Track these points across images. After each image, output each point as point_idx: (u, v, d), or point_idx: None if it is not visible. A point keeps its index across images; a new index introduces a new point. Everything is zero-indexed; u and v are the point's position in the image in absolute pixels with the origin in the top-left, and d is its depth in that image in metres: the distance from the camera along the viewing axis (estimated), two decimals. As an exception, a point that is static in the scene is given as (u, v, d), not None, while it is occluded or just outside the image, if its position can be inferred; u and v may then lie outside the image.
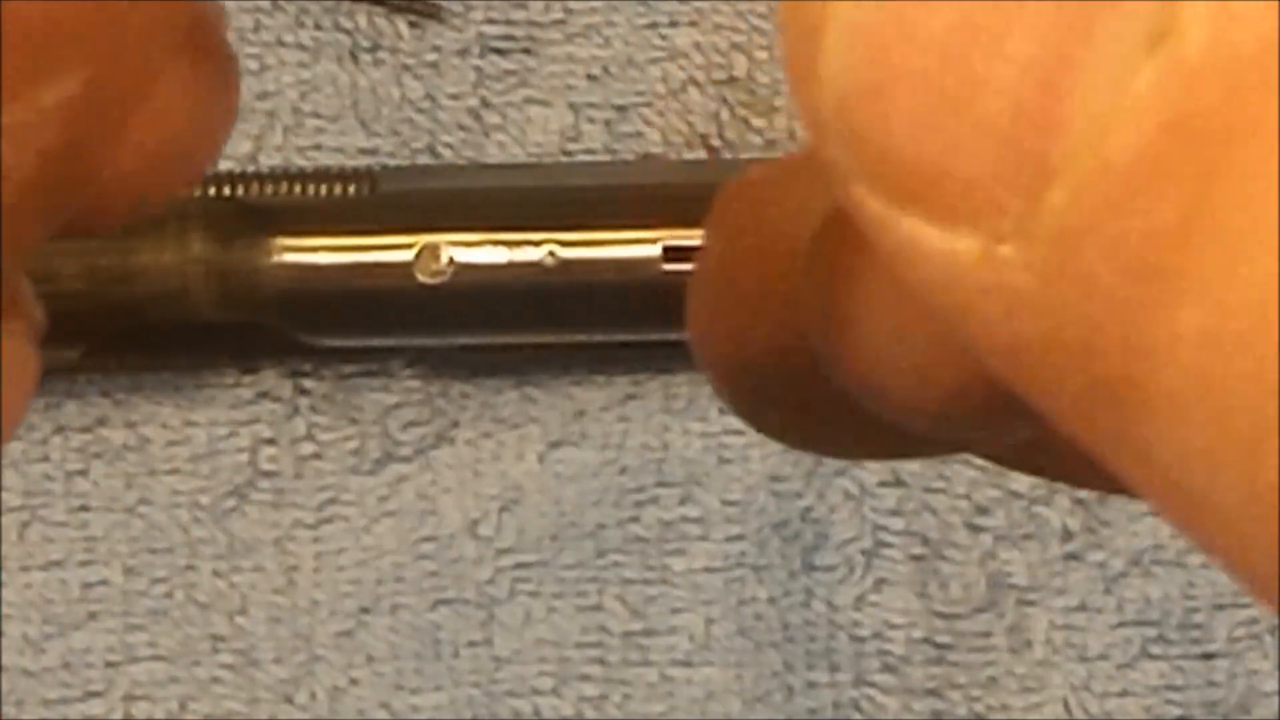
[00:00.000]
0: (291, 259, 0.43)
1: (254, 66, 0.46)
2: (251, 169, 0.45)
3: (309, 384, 0.46)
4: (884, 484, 0.45)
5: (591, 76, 0.46)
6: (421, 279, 0.42)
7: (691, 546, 0.45)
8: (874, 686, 0.44)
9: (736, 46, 0.46)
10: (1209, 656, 0.44)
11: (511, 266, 0.42)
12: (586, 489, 0.45)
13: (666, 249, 0.42)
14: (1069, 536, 0.45)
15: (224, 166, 0.45)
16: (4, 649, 0.45)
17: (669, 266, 0.42)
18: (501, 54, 0.46)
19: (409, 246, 0.42)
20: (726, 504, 0.45)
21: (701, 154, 0.46)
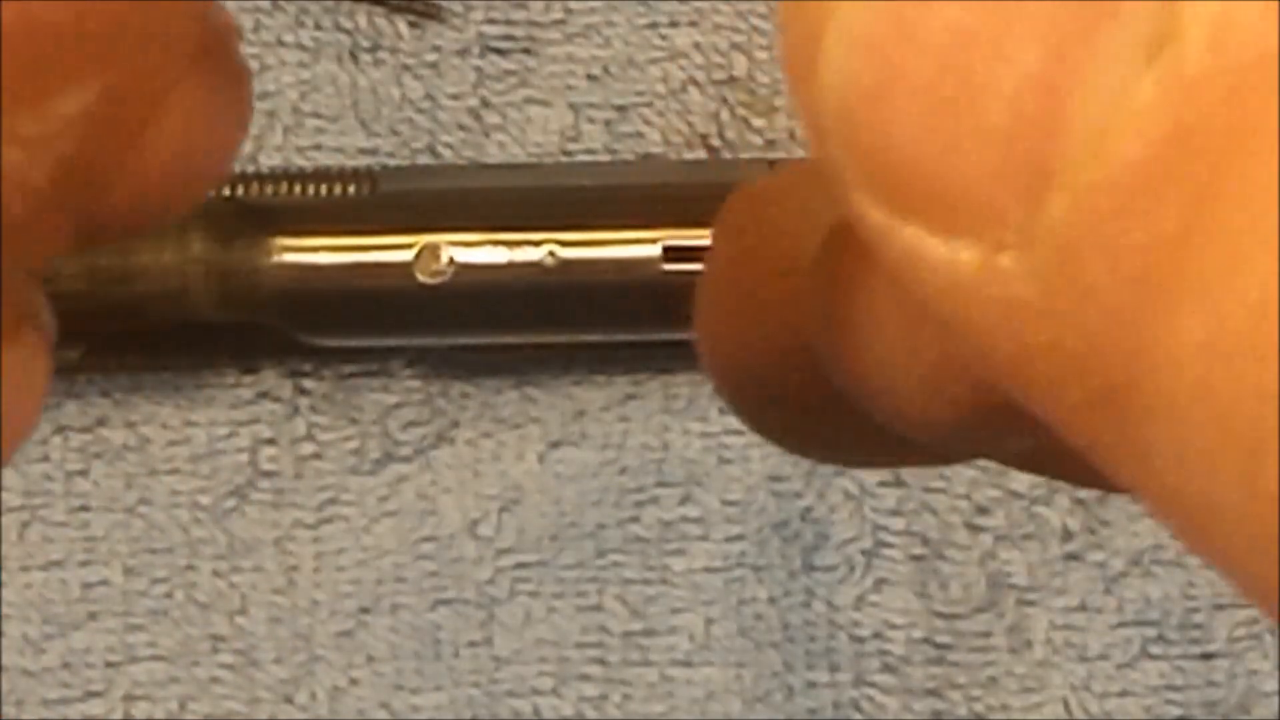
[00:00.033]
0: (291, 259, 0.43)
1: (254, 66, 0.46)
2: (251, 169, 0.45)
3: (309, 384, 0.46)
4: (884, 484, 0.45)
5: (591, 76, 0.46)
6: (421, 279, 0.42)
7: (691, 546, 0.45)
8: (874, 686, 0.44)
9: (736, 46, 0.46)
10: (1209, 656, 0.44)
11: (511, 266, 0.42)
12: (586, 489, 0.45)
13: (666, 249, 0.42)
14: (1069, 536, 0.45)
15: (224, 166, 0.45)
16: (4, 649, 0.45)
17: (669, 266, 0.42)
18: (501, 54, 0.46)
19: (409, 246, 0.42)
20: (726, 504, 0.45)
21: (701, 154, 0.46)
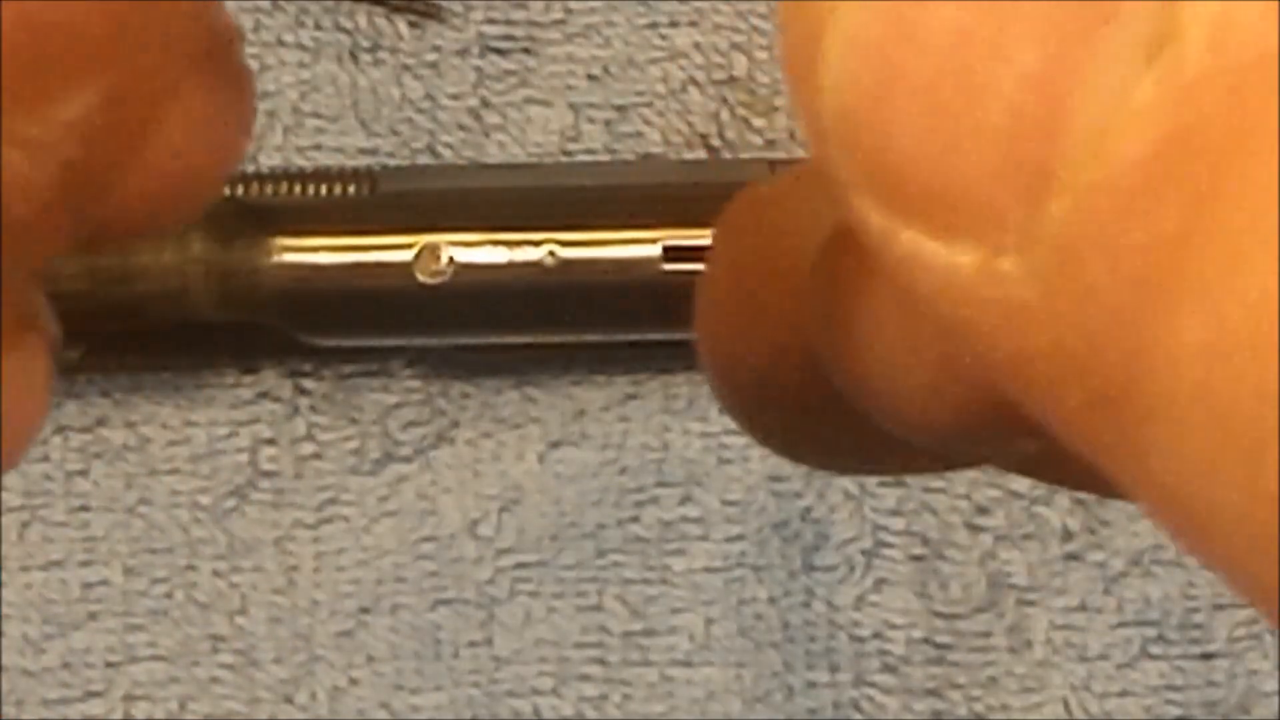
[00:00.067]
0: (291, 259, 0.43)
1: (254, 66, 0.46)
2: (251, 169, 0.45)
3: (309, 384, 0.46)
4: (884, 484, 0.45)
5: (591, 76, 0.46)
6: (421, 279, 0.42)
7: (691, 546, 0.45)
8: (874, 686, 0.44)
9: (736, 46, 0.46)
10: (1209, 656, 0.44)
11: (511, 266, 0.42)
12: (586, 489, 0.45)
13: (666, 249, 0.42)
14: (1069, 536, 0.45)
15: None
16: (4, 649, 0.45)
17: (669, 266, 0.42)
18: (501, 54, 0.46)
19: (409, 246, 0.42)
20: (726, 504, 0.45)
21: (701, 154, 0.46)
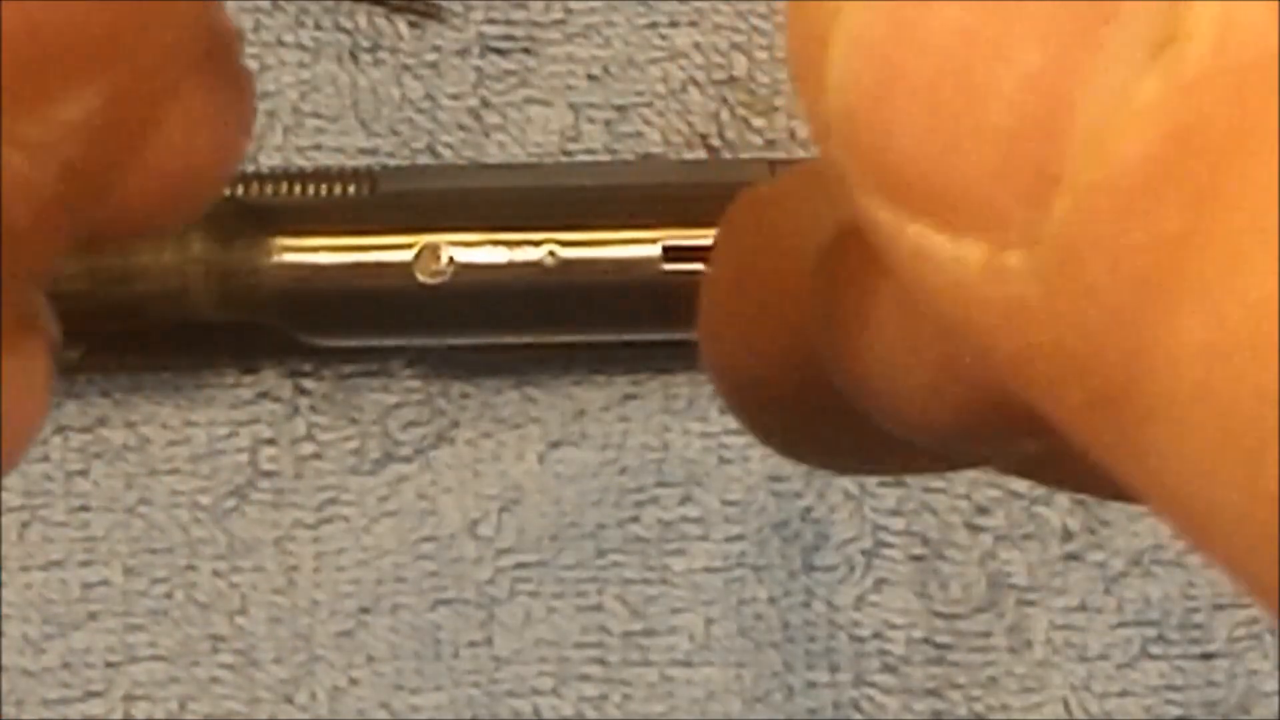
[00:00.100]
0: (291, 259, 0.43)
1: (254, 66, 0.46)
2: (251, 169, 0.45)
3: (309, 384, 0.46)
4: (884, 484, 0.45)
5: (591, 76, 0.46)
6: (421, 279, 0.42)
7: (691, 546, 0.45)
8: (874, 686, 0.44)
9: (736, 46, 0.46)
10: (1209, 656, 0.44)
11: (511, 266, 0.42)
12: (586, 489, 0.45)
13: (666, 249, 0.42)
14: (1069, 536, 0.45)
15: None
16: (4, 649, 0.45)
17: (669, 266, 0.42)
18: (501, 54, 0.46)
19: (409, 246, 0.42)
20: (726, 504, 0.45)
21: (701, 154, 0.46)
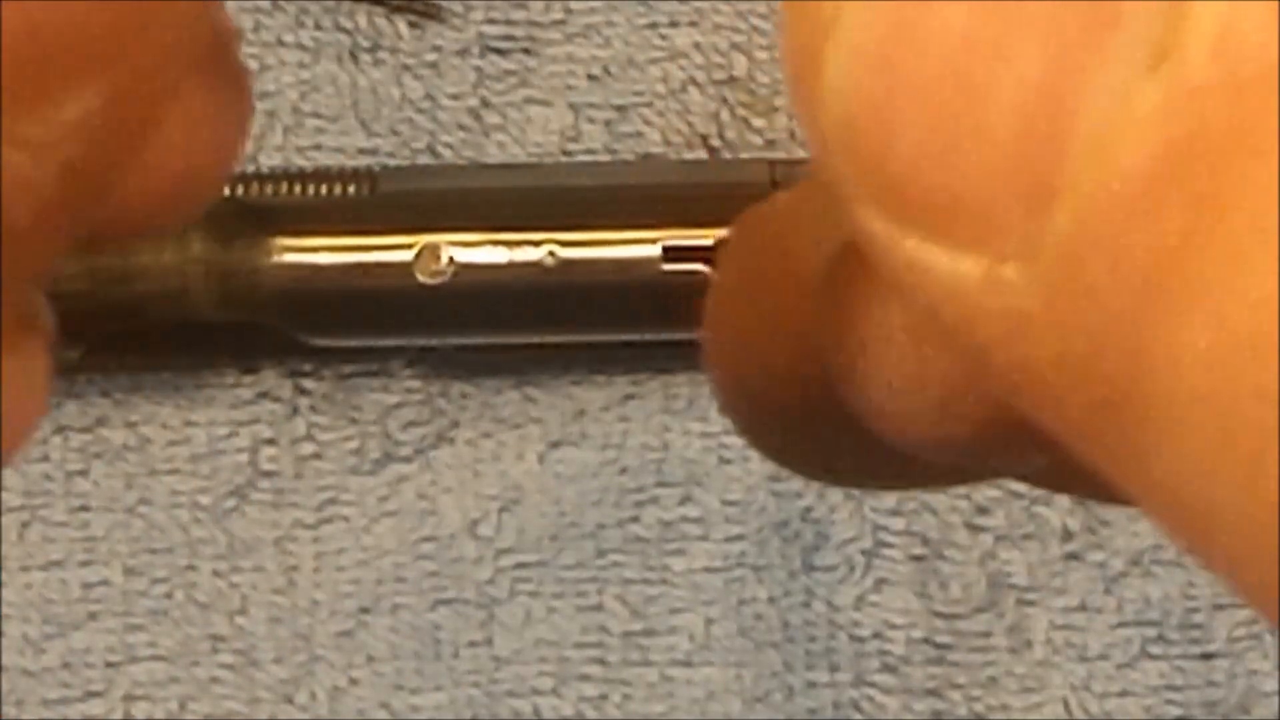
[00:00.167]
0: (291, 259, 0.43)
1: (254, 66, 0.46)
2: (251, 169, 0.45)
3: (309, 384, 0.46)
4: (884, 484, 0.45)
5: (591, 76, 0.46)
6: (421, 279, 0.42)
7: (691, 546, 0.45)
8: (874, 686, 0.44)
9: (736, 46, 0.46)
10: (1209, 656, 0.44)
11: (511, 266, 0.42)
12: (586, 489, 0.45)
13: (666, 249, 0.42)
14: (1069, 536, 0.45)
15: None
16: (4, 649, 0.45)
17: (669, 266, 0.42)
18: (501, 54, 0.46)
19: (409, 246, 0.42)
20: (726, 504, 0.45)
21: (701, 154, 0.46)
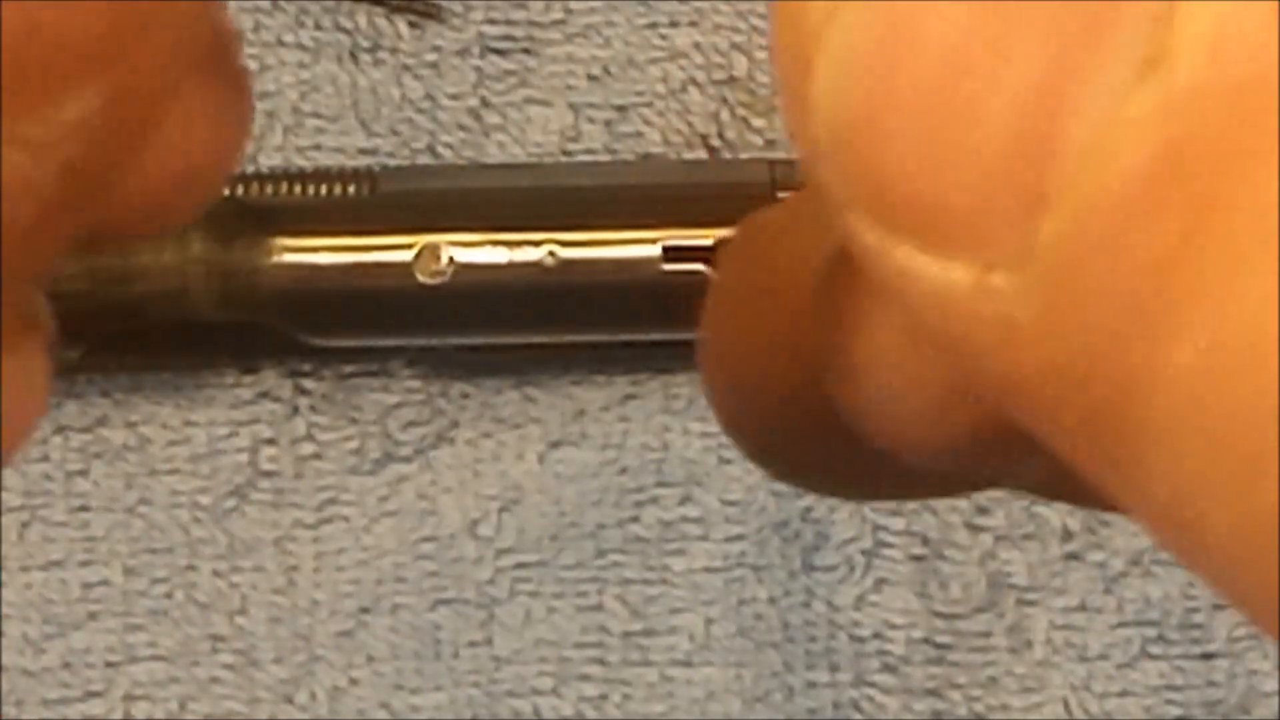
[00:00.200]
0: (291, 259, 0.43)
1: (254, 66, 0.46)
2: (251, 169, 0.45)
3: (309, 384, 0.46)
4: (884, 484, 0.45)
5: (591, 76, 0.46)
6: (421, 279, 0.42)
7: (691, 546, 0.45)
8: (874, 686, 0.44)
9: (736, 46, 0.46)
10: (1209, 656, 0.44)
11: (511, 266, 0.42)
12: (586, 489, 0.45)
13: (666, 249, 0.42)
14: (1069, 536, 0.45)
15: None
16: (4, 649, 0.45)
17: (669, 266, 0.42)
18: (501, 54, 0.46)
19: (409, 246, 0.42)
20: (726, 504, 0.45)
21: (701, 154, 0.46)
